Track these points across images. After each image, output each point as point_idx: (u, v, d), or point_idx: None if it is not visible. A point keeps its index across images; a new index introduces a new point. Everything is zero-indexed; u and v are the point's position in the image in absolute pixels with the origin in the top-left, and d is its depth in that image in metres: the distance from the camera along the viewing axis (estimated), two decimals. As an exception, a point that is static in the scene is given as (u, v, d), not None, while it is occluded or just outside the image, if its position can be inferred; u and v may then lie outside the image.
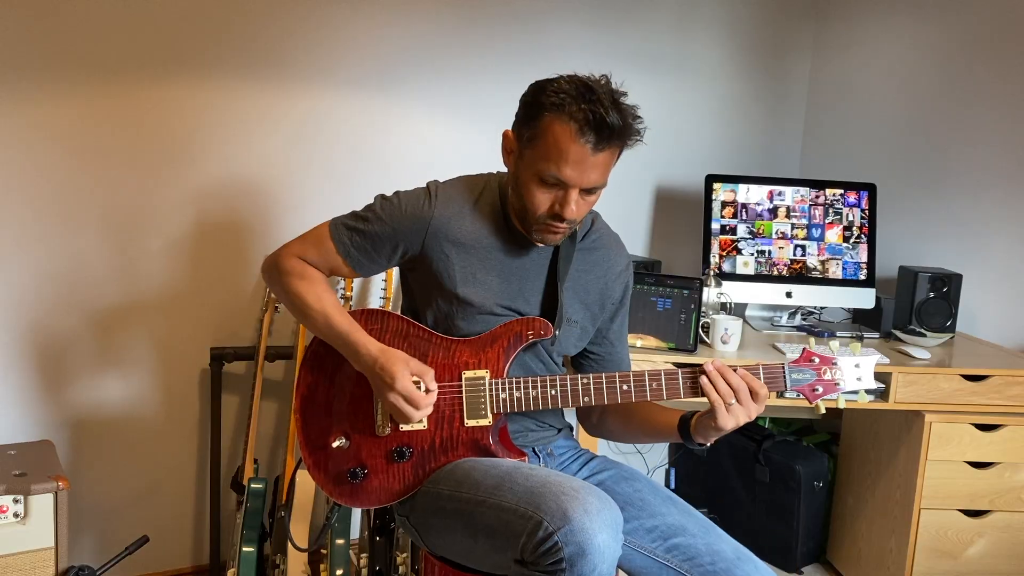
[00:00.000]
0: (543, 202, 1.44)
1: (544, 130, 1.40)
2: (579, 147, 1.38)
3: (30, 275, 2.22)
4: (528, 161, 1.43)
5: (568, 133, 1.37)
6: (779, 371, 1.45)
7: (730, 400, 1.40)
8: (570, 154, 1.38)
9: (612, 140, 1.39)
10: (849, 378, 1.47)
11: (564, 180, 1.40)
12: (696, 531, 1.48)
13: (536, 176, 1.42)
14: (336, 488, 1.53)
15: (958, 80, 2.53)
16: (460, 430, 1.50)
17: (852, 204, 2.60)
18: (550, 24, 2.68)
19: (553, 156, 1.39)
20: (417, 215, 1.50)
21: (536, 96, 1.42)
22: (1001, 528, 2.21)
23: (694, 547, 1.46)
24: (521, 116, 1.46)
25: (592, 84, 1.40)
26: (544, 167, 1.40)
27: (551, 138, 1.39)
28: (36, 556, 1.96)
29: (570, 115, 1.37)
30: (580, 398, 1.48)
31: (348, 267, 1.55)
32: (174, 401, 2.43)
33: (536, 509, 1.28)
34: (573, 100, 1.37)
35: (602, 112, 1.36)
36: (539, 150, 1.41)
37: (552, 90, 1.40)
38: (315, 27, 2.42)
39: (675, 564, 1.46)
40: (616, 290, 1.64)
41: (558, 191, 1.42)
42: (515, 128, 1.48)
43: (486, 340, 1.51)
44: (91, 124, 2.23)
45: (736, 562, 1.43)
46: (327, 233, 1.55)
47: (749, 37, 2.97)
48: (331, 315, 1.50)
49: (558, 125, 1.38)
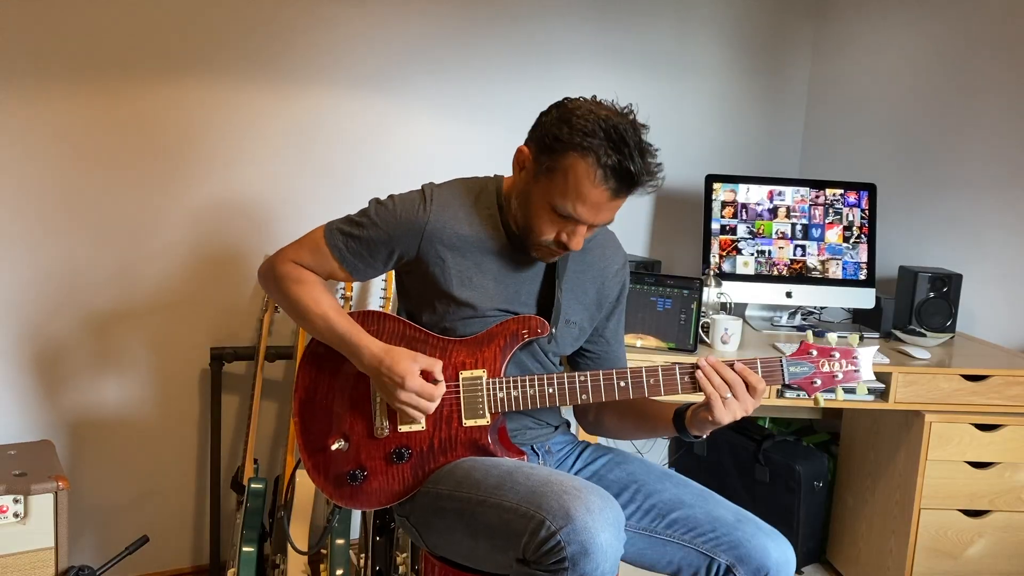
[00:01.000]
0: (550, 230, 1.44)
1: (567, 167, 1.38)
2: (599, 192, 1.38)
3: (31, 275, 2.22)
4: (543, 188, 1.42)
5: (590, 176, 1.36)
6: (777, 364, 1.46)
7: (725, 394, 1.41)
8: (589, 197, 1.38)
9: (632, 189, 1.39)
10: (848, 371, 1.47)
11: (577, 218, 1.41)
12: (693, 501, 1.49)
13: (548, 206, 1.42)
14: (336, 490, 1.53)
15: (958, 80, 2.53)
16: (459, 430, 1.50)
17: (852, 204, 2.60)
18: (550, 24, 2.68)
19: (571, 195, 1.39)
20: (412, 219, 1.50)
21: (562, 128, 1.38)
22: (1001, 528, 2.21)
23: (693, 518, 1.47)
24: (541, 141, 1.42)
25: (622, 130, 1.36)
26: (559, 201, 1.40)
27: (572, 177, 1.38)
28: (36, 556, 1.96)
29: (596, 159, 1.35)
30: (578, 396, 1.48)
31: (344, 271, 1.55)
32: (174, 401, 2.43)
33: (538, 508, 1.28)
34: (602, 145, 1.35)
35: (628, 164, 1.35)
36: (557, 183, 1.40)
37: (581, 128, 1.36)
38: (315, 29, 2.41)
39: (677, 538, 1.47)
40: (613, 290, 1.65)
41: (567, 224, 1.43)
42: (532, 147, 1.44)
43: (483, 340, 1.51)
44: (91, 125, 2.23)
45: (737, 524, 1.45)
46: (322, 238, 1.54)
47: (749, 37, 2.97)
48: (331, 317, 1.50)
49: (582, 166, 1.37)
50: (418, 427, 1.50)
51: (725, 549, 1.44)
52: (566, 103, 1.42)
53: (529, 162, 1.45)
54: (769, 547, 1.43)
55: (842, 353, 1.47)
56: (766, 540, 1.44)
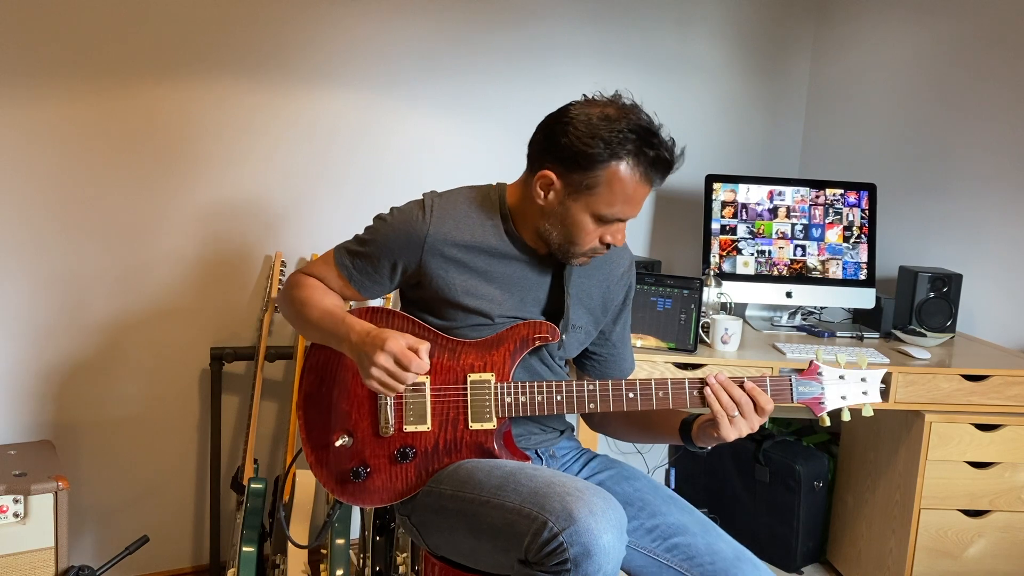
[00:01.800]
0: (594, 237, 1.47)
1: (609, 178, 1.40)
2: (644, 189, 1.42)
3: (31, 275, 2.22)
4: (584, 204, 1.43)
5: (635, 179, 1.40)
6: (786, 384, 1.46)
7: (733, 413, 1.42)
8: (635, 198, 1.42)
9: (668, 173, 1.44)
10: (855, 392, 1.48)
11: (623, 218, 1.45)
12: (696, 530, 1.49)
13: (594, 216, 1.44)
14: (338, 486, 1.53)
15: (958, 80, 2.54)
16: (464, 433, 1.50)
17: (852, 204, 2.60)
18: (550, 24, 2.68)
19: (619, 201, 1.41)
20: (412, 230, 1.50)
21: (593, 144, 1.38)
22: (1001, 528, 2.21)
23: (694, 546, 1.46)
24: (570, 161, 1.41)
25: (645, 124, 1.41)
26: (605, 211, 1.42)
27: (618, 185, 1.40)
28: (36, 556, 1.96)
29: (636, 162, 1.39)
30: (586, 404, 1.48)
31: (352, 289, 1.57)
32: (174, 401, 2.42)
33: (541, 509, 1.28)
34: (638, 148, 1.39)
35: (664, 154, 1.41)
36: (600, 196, 1.41)
37: (614, 140, 1.38)
38: (314, 28, 2.41)
39: (675, 564, 1.47)
40: (618, 293, 1.65)
41: (611, 226, 1.46)
42: (558, 168, 1.43)
43: (492, 343, 1.51)
44: (89, 127, 2.22)
45: (735, 562, 1.44)
46: (332, 259, 1.58)
47: (749, 37, 2.97)
48: (328, 307, 1.50)
49: (625, 173, 1.40)
50: (424, 428, 1.50)
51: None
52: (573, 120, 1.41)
53: (558, 183, 1.44)
54: None
55: (850, 375, 1.48)
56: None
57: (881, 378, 1.49)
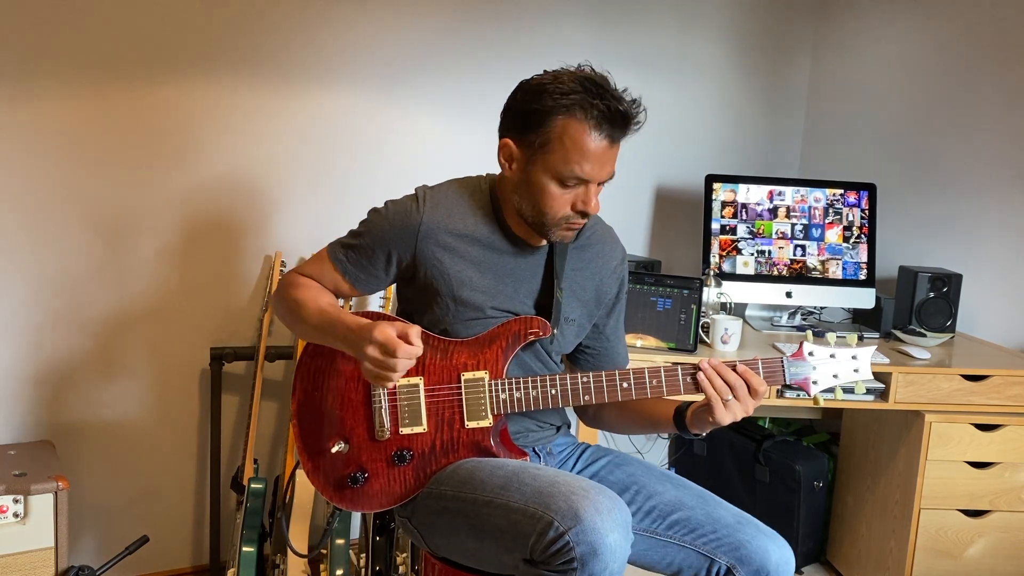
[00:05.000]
0: (564, 203, 1.44)
1: (559, 133, 1.39)
2: (598, 143, 1.39)
3: (31, 275, 2.22)
4: (542, 165, 1.42)
5: (585, 131, 1.38)
6: (778, 365, 1.47)
7: (727, 396, 1.42)
8: (590, 152, 1.39)
9: (626, 130, 1.42)
10: (846, 370, 1.48)
11: (586, 178, 1.42)
12: (694, 503, 1.50)
13: (554, 179, 1.42)
14: (336, 493, 1.53)
15: (958, 80, 2.53)
16: (461, 432, 1.50)
17: (852, 204, 2.60)
18: (549, 24, 2.68)
19: (573, 157, 1.40)
20: (405, 221, 1.50)
21: (538, 100, 1.41)
22: (1001, 528, 2.21)
23: (694, 519, 1.47)
24: (522, 122, 1.44)
25: (596, 79, 1.41)
26: (563, 169, 1.41)
27: (568, 140, 1.39)
28: (36, 556, 1.96)
29: (584, 113, 1.38)
30: (580, 397, 1.48)
31: (347, 283, 1.57)
32: (174, 401, 2.42)
33: (546, 509, 1.28)
34: (584, 97, 1.38)
35: (616, 105, 1.38)
36: (555, 153, 1.40)
37: (557, 91, 1.39)
38: (312, 27, 2.41)
39: (677, 539, 1.47)
40: (612, 287, 1.65)
41: (577, 189, 1.43)
42: (514, 135, 1.46)
43: (484, 341, 1.51)
44: (87, 126, 2.22)
45: (737, 526, 1.46)
46: (326, 254, 1.57)
47: (749, 37, 2.97)
48: (322, 306, 1.50)
49: (574, 125, 1.39)
50: (420, 429, 1.50)
51: (726, 551, 1.44)
52: (525, 84, 1.45)
53: (516, 150, 1.46)
54: (769, 549, 1.43)
55: (840, 353, 1.48)
56: (766, 542, 1.44)
57: (872, 354, 1.49)
